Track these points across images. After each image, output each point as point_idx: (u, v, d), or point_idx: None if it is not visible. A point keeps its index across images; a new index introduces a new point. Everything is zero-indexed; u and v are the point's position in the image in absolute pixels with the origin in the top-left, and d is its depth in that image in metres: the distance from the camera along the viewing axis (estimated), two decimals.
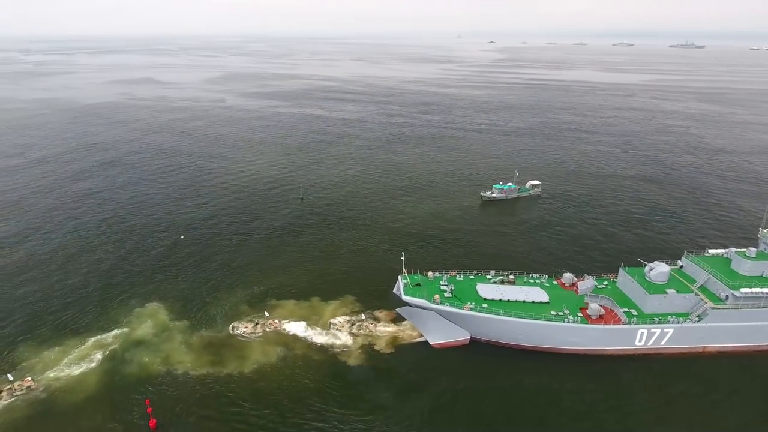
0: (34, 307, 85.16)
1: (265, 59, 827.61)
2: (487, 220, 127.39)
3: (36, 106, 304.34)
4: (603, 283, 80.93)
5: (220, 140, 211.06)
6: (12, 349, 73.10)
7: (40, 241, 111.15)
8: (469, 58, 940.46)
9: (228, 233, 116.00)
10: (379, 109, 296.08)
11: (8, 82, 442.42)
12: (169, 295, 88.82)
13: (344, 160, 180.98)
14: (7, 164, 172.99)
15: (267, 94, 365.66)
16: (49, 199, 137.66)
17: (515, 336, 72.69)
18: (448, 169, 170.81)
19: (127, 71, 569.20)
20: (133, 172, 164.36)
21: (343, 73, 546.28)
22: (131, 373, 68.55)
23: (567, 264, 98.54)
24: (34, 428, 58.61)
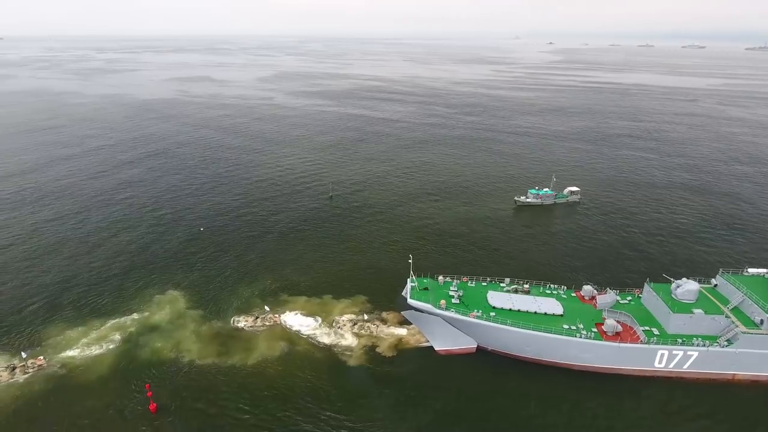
0: (62, 287, 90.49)
1: (319, 59, 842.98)
2: (517, 225, 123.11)
3: (100, 100, 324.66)
4: (626, 299, 76.00)
5: (261, 136, 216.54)
6: (36, 327, 77.92)
7: (77, 225, 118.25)
8: (523, 59, 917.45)
9: (254, 227, 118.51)
10: (422, 110, 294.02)
11: (80, 79, 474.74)
12: (189, 283, 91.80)
13: (379, 159, 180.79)
14: (66, 153, 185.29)
15: (314, 93, 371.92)
16: (94, 186, 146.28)
17: (522, 348, 69.50)
18: (483, 172, 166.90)
19: (187, 69, 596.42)
20: (174, 163, 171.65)
21: (392, 74, 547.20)
22: (142, 358, 71.21)
23: (593, 276, 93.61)
24: (40, 406, 61.83)
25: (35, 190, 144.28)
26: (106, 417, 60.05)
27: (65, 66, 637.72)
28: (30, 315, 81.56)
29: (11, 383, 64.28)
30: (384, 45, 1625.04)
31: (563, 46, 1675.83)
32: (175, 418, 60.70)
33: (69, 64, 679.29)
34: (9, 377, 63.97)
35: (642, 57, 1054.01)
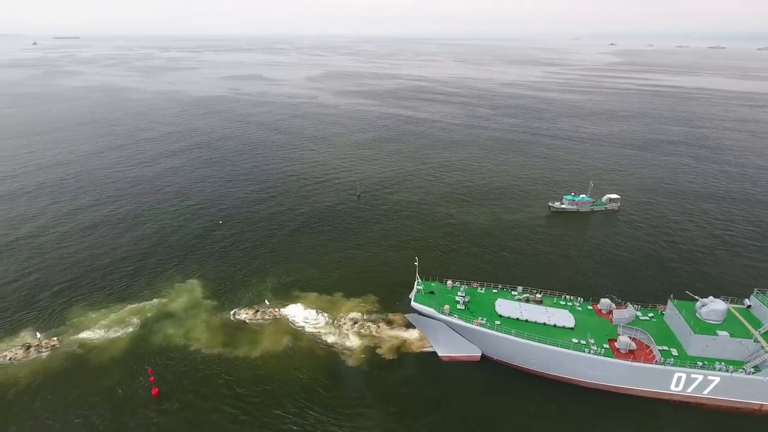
0: (90, 271, 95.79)
1: (369, 59, 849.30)
2: (547, 232, 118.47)
3: (156, 96, 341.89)
4: (647, 315, 71.30)
5: (299, 133, 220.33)
6: (61, 307, 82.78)
7: (112, 211, 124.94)
8: (580, 60, 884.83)
9: (279, 222, 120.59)
10: (464, 111, 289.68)
11: (142, 76, 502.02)
12: (209, 273, 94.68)
13: (413, 159, 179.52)
14: (116, 144, 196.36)
15: (359, 92, 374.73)
16: (133, 176, 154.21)
17: (527, 360, 66.63)
18: (519, 175, 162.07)
19: (241, 68, 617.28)
20: (211, 157, 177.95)
21: (441, 74, 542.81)
22: (153, 343, 73.94)
23: (620, 289, 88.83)
24: (49, 385, 65.26)
25: (80, 178, 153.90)
26: (111, 398, 62.69)
27: (130, 64, 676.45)
28: (56, 295, 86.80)
29: (25, 362, 68.39)
30: (438, 45, 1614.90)
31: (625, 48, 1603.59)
32: (175, 404, 62.51)
33: (134, 62, 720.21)
34: (24, 355, 68.14)
35: (711, 59, 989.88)
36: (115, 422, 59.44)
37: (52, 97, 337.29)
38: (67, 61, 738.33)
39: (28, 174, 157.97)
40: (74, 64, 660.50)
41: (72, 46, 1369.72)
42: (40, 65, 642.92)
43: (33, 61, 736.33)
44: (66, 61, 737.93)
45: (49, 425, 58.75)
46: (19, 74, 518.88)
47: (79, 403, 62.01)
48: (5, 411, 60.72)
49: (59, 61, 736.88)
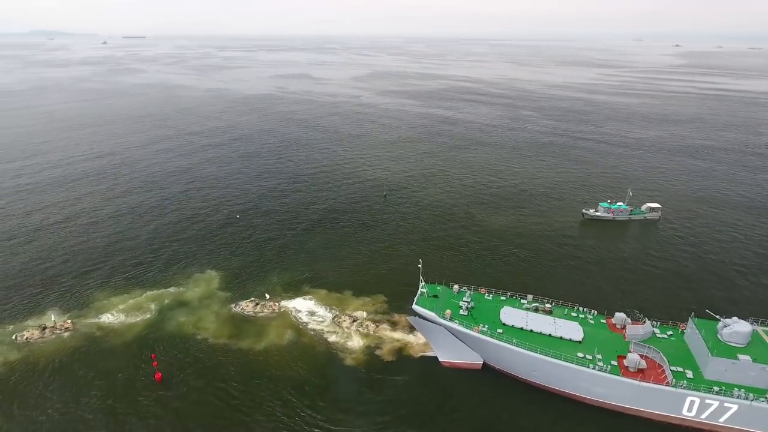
0: (116, 256, 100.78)
1: (417, 59, 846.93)
2: (577, 240, 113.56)
3: (206, 94, 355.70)
4: (666, 333, 66.78)
5: (337, 132, 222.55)
6: (84, 290, 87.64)
7: (144, 200, 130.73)
8: (638, 62, 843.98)
9: (302, 218, 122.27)
10: (506, 113, 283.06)
11: (196, 74, 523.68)
12: (228, 265, 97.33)
13: (446, 161, 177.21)
14: (160, 135, 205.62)
15: (401, 92, 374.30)
16: (169, 168, 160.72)
17: (529, 371, 63.99)
18: (554, 180, 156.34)
19: (291, 67, 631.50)
20: (246, 153, 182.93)
21: (488, 75, 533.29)
22: (164, 330, 76.70)
23: (646, 303, 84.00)
24: (57, 365, 68.88)
25: (120, 168, 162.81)
26: (115, 381, 65.51)
27: (188, 62, 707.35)
28: (81, 278, 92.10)
29: (40, 342, 72.59)
30: (489, 46, 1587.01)
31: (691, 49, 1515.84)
32: (176, 390, 64.53)
33: (192, 60, 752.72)
34: (40, 336, 72.38)
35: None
36: (117, 403, 62.03)
37: (111, 93, 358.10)
38: (131, 59, 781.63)
39: (75, 163, 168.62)
40: (137, 62, 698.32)
41: (138, 45, 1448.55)
42: (107, 63, 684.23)
43: (101, 59, 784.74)
44: (130, 59, 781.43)
45: (52, 403, 62.04)
46: (87, 71, 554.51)
47: (85, 383, 65.20)
48: (13, 388, 64.64)
49: (124, 59, 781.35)
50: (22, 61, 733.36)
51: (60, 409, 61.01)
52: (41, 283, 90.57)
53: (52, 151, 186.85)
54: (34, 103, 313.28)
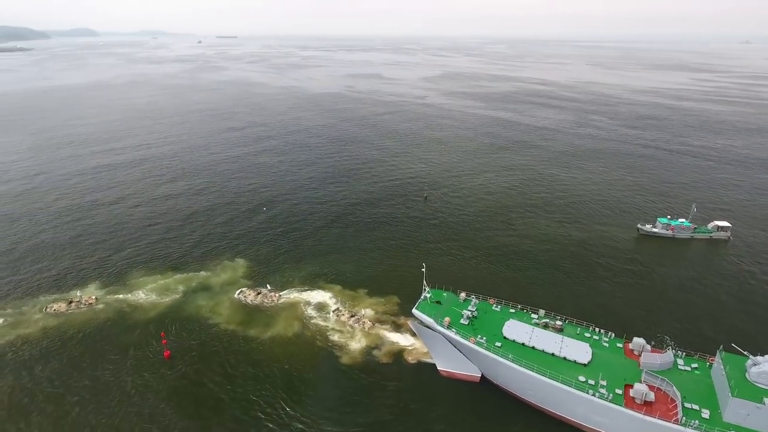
0: (156, 238, 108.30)
1: (494, 60, 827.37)
2: (627, 256, 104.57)
3: (279, 91, 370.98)
4: (691, 365, 59.97)
5: (392, 132, 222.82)
6: (121, 268, 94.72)
7: (191, 186, 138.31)
8: (740, 67, 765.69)
9: (338, 215, 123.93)
10: (578, 119, 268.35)
11: (275, 72, 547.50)
12: (255, 255, 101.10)
13: (500, 166, 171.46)
14: (226, 127, 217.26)
15: (470, 94, 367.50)
16: (225, 160, 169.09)
17: (525, 390, 60.24)
18: (612, 191, 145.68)
19: (364, 67, 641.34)
20: (299, 148, 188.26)
21: (565, 78, 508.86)
22: (183, 311, 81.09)
23: (685, 332, 76.25)
24: (78, 335, 74.86)
25: (178, 156, 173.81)
26: (127, 354, 70.30)
27: (270, 61, 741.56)
28: (121, 257, 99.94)
29: (65, 314, 79.40)
30: (575, 48, 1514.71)
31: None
32: (179, 369, 68.01)
33: (273, 59, 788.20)
34: (66, 309, 79.25)
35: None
36: (124, 375, 66.66)
37: (193, 89, 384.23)
38: (219, 57, 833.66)
39: (143, 149, 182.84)
40: (223, 61, 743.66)
41: (228, 44, 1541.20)
42: (196, 61, 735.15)
43: (192, 57, 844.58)
44: (218, 57, 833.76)
45: (67, 370, 67.75)
46: (177, 68, 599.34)
47: (99, 354, 70.63)
48: (38, 354, 71.21)
49: (212, 57, 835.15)
50: (126, 58, 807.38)
51: (73, 374, 66.63)
52: (86, 257, 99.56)
53: (127, 137, 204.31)
54: (125, 95, 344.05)
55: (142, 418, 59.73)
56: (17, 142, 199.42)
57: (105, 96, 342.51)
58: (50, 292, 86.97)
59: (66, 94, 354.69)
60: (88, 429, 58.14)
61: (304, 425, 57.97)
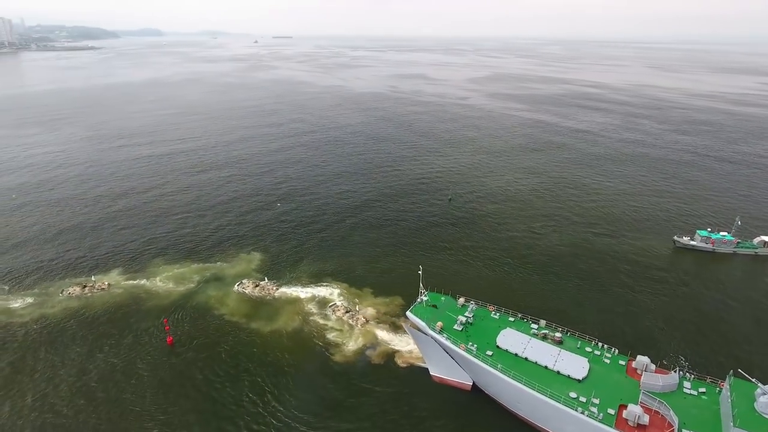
0: (179, 229, 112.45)
1: (546, 62, 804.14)
2: (659, 269, 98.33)
3: (323, 90, 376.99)
4: (698, 389, 55.78)
5: (428, 133, 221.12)
6: (143, 255, 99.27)
7: (219, 179, 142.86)
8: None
9: (360, 212, 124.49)
10: (625, 123, 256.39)
11: (321, 72, 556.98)
12: (269, 248, 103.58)
13: (533, 171, 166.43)
14: (266, 122, 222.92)
15: (514, 96, 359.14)
16: (255, 155, 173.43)
17: (514, 402, 58.05)
18: (650, 200, 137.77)
19: (410, 67, 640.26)
20: (333, 145, 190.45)
21: (617, 81, 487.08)
22: (192, 299, 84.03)
23: (712, 354, 71.67)
24: (88, 317, 79.01)
25: (214, 150, 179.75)
26: (132, 338, 73.56)
27: (319, 61, 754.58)
28: (145, 245, 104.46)
29: (80, 297, 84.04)
30: (635, 49, 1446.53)
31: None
32: (179, 355, 70.53)
33: (322, 59, 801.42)
34: (80, 293, 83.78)
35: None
36: (126, 356, 69.95)
37: (241, 87, 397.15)
38: (271, 57, 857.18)
39: (183, 142, 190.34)
40: (275, 60, 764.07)
41: (282, 44, 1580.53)
42: (249, 60, 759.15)
43: (246, 56, 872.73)
44: (270, 57, 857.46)
45: (73, 348, 71.73)
46: (229, 67, 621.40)
47: (106, 336, 74.43)
48: (51, 332, 75.74)
49: (265, 57, 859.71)
50: (184, 57, 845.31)
51: (78, 351, 70.65)
52: (114, 243, 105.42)
53: (171, 131, 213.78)
54: (177, 92, 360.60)
55: (134, 397, 62.32)
56: (73, 134, 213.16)
57: (159, 92, 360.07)
58: (76, 274, 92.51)
59: (125, 90, 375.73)
60: (80, 404, 61.14)
61: (283, 424, 58.37)
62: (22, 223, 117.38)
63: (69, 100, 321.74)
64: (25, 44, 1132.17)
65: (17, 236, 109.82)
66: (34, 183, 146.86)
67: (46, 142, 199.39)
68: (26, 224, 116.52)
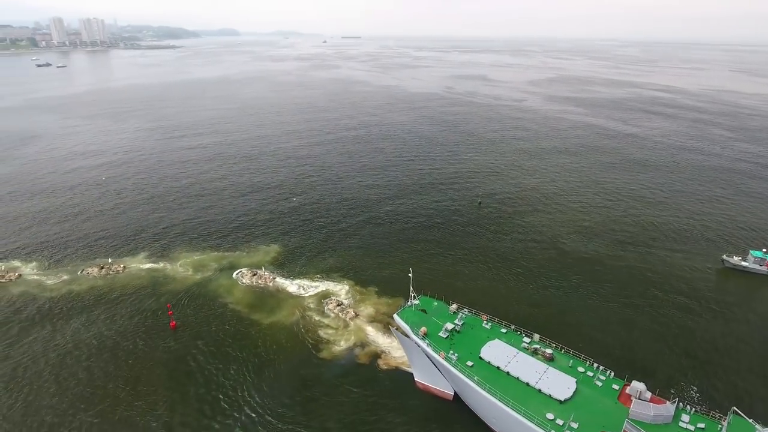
0: (205, 219, 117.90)
1: (619, 64, 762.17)
2: (701, 291, 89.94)
3: (377, 90, 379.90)
4: (696, 423, 50.53)
5: (471, 135, 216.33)
6: (169, 241, 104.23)
7: (254, 172, 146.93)
8: None
9: (383, 211, 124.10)
10: (692, 131, 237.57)
11: (379, 72, 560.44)
12: (288, 242, 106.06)
13: (575, 177, 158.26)
14: (314, 119, 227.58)
15: (574, 99, 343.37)
16: (295, 149, 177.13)
17: (490, 417, 55.30)
18: (702, 215, 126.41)
19: (471, 68, 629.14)
20: (377, 143, 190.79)
21: (695, 86, 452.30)
22: (203, 286, 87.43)
23: (737, 389, 64.93)
24: (100, 297, 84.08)
25: (254, 145, 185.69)
26: (137, 319, 77.64)
27: (380, 61, 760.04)
28: (171, 231, 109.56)
29: (96, 277, 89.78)
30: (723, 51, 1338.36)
31: None
32: (178, 340, 73.64)
33: (385, 59, 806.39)
34: (98, 273, 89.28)
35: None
36: (129, 335, 74.08)
37: (300, 85, 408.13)
38: (335, 57, 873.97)
39: (227, 136, 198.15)
40: (338, 59, 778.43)
41: (349, 44, 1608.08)
42: (313, 60, 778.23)
43: (312, 56, 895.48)
44: (334, 57, 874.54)
45: (82, 324, 76.92)
46: (293, 66, 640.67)
47: (114, 316, 79.01)
48: (65, 308, 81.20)
49: (329, 56, 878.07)
50: (254, 56, 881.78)
51: (86, 325, 75.89)
52: (144, 228, 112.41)
53: (222, 126, 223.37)
54: (240, 89, 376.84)
55: (125, 373, 65.79)
56: (133, 126, 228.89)
57: (223, 89, 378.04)
58: (103, 254, 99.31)
59: (193, 86, 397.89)
60: (81, 377, 65.23)
61: (256, 415, 59.34)
62: (68, 203, 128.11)
63: (139, 94, 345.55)
64: (114, 42, 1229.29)
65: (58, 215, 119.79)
66: (87, 167, 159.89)
67: (111, 131, 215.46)
68: (71, 203, 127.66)
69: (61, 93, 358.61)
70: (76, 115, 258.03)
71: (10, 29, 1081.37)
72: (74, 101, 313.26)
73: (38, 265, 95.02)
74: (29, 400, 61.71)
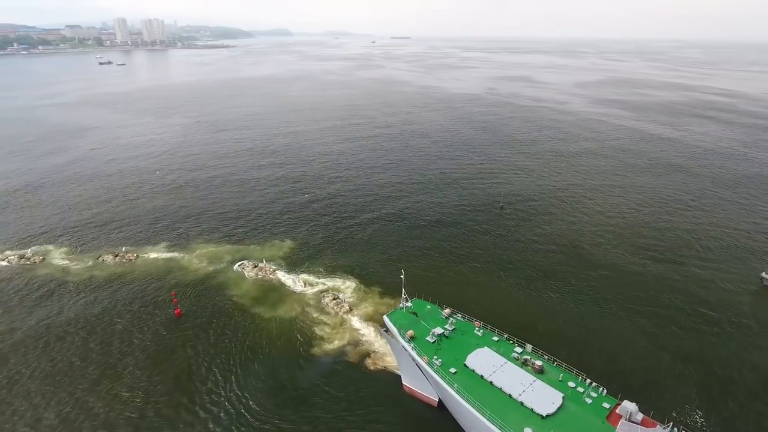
0: (224, 213, 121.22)
1: (676, 66, 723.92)
2: (736, 309, 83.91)
3: (417, 90, 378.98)
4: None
5: (507, 137, 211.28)
6: (187, 232, 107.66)
7: (278, 167, 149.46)
8: None
9: (403, 211, 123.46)
10: (747, 138, 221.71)
11: (423, 72, 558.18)
12: (302, 238, 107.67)
13: (608, 184, 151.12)
14: (349, 116, 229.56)
15: (621, 102, 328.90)
16: (326, 146, 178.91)
17: (470, 427, 53.58)
18: (746, 231, 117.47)
19: (517, 70, 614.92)
20: (406, 145, 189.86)
21: (757, 89, 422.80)
22: (212, 277, 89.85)
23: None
24: (112, 282, 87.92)
25: (286, 141, 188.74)
26: (144, 306, 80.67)
27: (425, 61, 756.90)
28: (191, 223, 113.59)
29: (109, 264, 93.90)
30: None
31: None
32: (181, 329, 76.02)
33: (429, 59, 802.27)
34: (111, 261, 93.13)
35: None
36: (134, 320, 77.11)
37: (342, 84, 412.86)
38: (381, 57, 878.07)
39: (264, 130, 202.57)
40: (383, 60, 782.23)
41: (397, 44, 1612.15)
42: (359, 59, 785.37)
43: (358, 56, 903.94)
44: (380, 57, 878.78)
45: (90, 307, 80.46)
46: (338, 66, 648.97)
47: (122, 301, 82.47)
48: (80, 289, 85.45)
49: (375, 57, 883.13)
50: (302, 56, 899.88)
51: (93, 309, 79.51)
52: (169, 220, 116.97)
53: (259, 123, 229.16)
54: (283, 88, 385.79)
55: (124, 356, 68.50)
56: (174, 122, 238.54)
57: (267, 87, 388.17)
58: (128, 242, 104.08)
59: (239, 84, 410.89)
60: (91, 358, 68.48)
61: (234, 408, 60.27)
62: (91, 193, 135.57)
63: (186, 92, 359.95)
64: (172, 42, 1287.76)
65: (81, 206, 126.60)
66: (124, 157, 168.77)
67: (153, 126, 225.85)
68: (95, 194, 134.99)
69: (116, 90, 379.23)
70: (128, 111, 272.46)
71: (79, 29, 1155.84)
72: (127, 98, 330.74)
73: (68, 250, 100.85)
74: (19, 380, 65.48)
